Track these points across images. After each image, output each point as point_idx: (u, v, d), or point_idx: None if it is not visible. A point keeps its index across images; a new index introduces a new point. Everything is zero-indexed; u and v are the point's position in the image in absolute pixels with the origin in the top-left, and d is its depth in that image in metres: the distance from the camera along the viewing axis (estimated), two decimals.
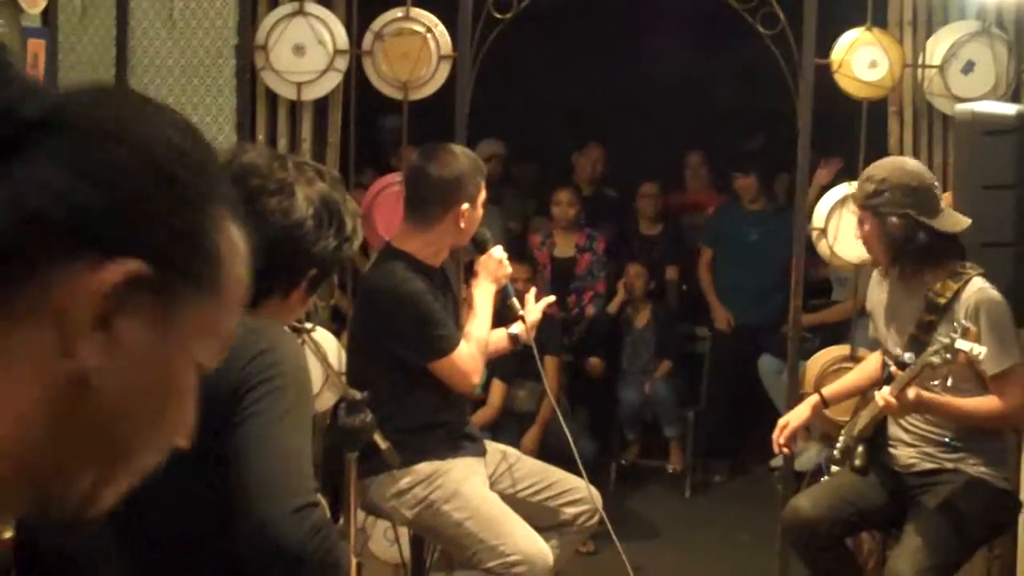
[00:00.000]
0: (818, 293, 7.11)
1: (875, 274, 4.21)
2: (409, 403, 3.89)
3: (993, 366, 3.78)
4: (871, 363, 4.36)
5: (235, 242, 1.04)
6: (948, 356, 3.49)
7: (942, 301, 3.85)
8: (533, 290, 4.40)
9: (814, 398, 4.30)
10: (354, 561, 2.48)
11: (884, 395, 3.69)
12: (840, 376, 4.55)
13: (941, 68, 4.73)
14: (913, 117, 4.88)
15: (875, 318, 4.17)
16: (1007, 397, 3.78)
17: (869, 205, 3.91)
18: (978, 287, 3.84)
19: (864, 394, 4.31)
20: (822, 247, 4.83)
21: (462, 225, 3.91)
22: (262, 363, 2.24)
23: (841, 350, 4.94)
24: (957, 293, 3.84)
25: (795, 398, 4.82)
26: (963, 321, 3.53)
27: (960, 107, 4.46)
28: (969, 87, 4.71)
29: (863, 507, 4.05)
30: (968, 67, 4.73)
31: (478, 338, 3.95)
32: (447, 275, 4.12)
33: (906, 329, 3.97)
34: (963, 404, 3.78)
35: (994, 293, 3.84)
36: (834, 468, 4.23)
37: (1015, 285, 4.06)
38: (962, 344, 3.46)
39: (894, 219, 3.85)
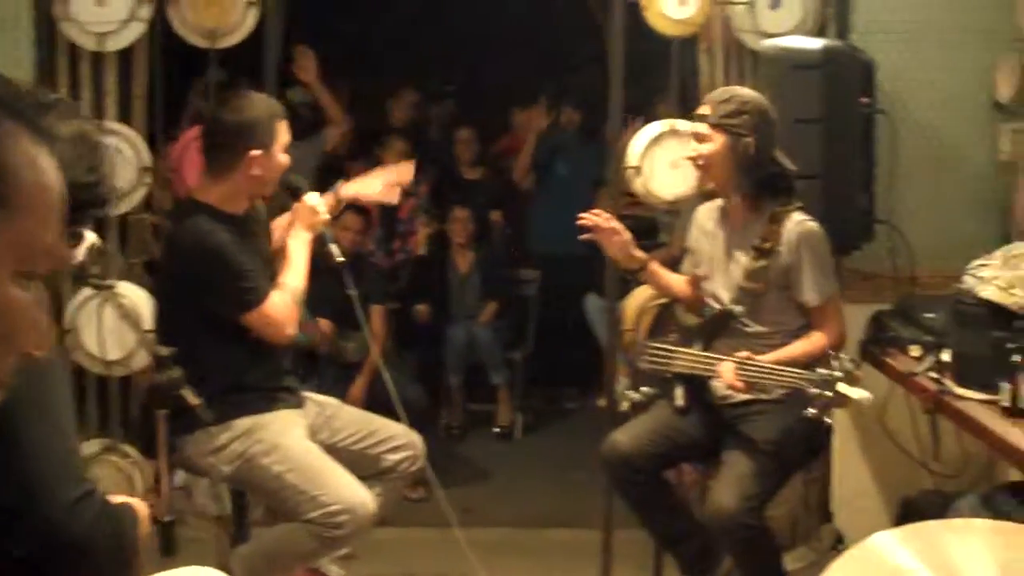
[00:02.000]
0: (644, 234, 7.17)
1: (700, 212, 4.24)
2: (224, 358, 3.80)
3: (817, 298, 3.87)
4: (686, 279, 4.36)
5: (30, 155, 1.10)
6: (829, 395, 3.48)
7: (768, 246, 3.91)
8: None
9: (643, 255, 4.29)
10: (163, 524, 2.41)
11: (732, 379, 3.74)
12: (659, 312, 4.57)
13: (749, 4, 4.78)
14: (723, 53, 4.92)
15: (699, 257, 4.20)
16: (829, 325, 3.86)
17: (725, 124, 3.91)
18: (797, 220, 3.91)
19: (673, 316, 4.33)
20: (637, 185, 4.85)
21: (256, 172, 3.81)
22: None
23: None
24: (779, 238, 3.90)
25: (615, 335, 4.87)
26: (847, 362, 3.51)
27: (767, 42, 4.52)
28: (777, 23, 4.77)
29: (680, 440, 4.10)
30: (775, 3, 4.78)
31: (292, 288, 3.88)
32: (257, 215, 4.03)
33: (734, 275, 4.01)
34: (796, 354, 3.82)
35: (813, 225, 3.92)
36: (644, 389, 4.25)
37: (826, 215, 4.14)
38: (848, 390, 3.45)
39: (749, 140, 3.88)
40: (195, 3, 4.75)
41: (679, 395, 4.07)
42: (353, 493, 3.76)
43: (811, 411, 3.53)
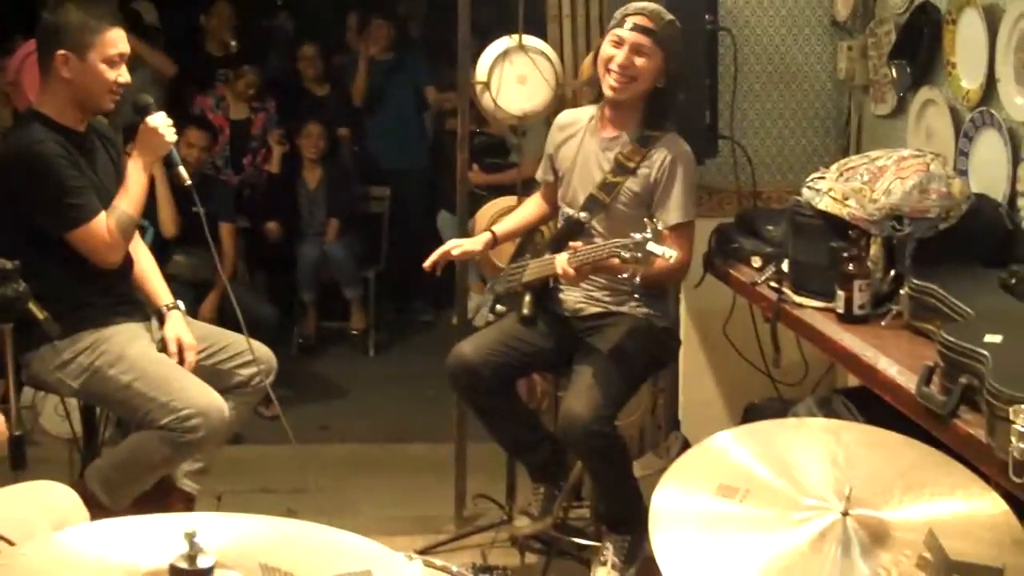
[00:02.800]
0: (494, 152, 7.21)
1: (564, 117, 4.24)
2: (61, 271, 3.75)
3: (673, 218, 3.91)
4: (534, 201, 4.44)
5: None
6: (639, 255, 3.51)
7: (631, 165, 3.95)
8: None
9: (486, 235, 4.34)
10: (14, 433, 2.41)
11: (564, 265, 3.77)
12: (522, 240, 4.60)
13: None
14: None
15: (557, 164, 4.21)
16: (680, 246, 3.87)
17: (668, 45, 3.93)
18: (677, 141, 3.98)
19: (532, 238, 4.40)
20: (486, 100, 4.87)
21: (66, 75, 3.75)
22: None
23: (508, 201, 5.03)
24: (645, 158, 3.95)
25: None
26: (657, 224, 3.54)
27: None
28: None
29: (529, 351, 4.15)
30: None
31: (121, 212, 3.81)
32: (104, 138, 3.97)
33: (588, 185, 4.05)
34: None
35: (688, 148, 3.99)
36: (499, 308, 4.32)
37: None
38: (654, 248, 3.48)
39: (678, 67, 3.96)
40: None
41: (526, 303, 4.13)
42: (204, 396, 3.77)
43: (625, 275, 3.61)
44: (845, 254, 3.47)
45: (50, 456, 4.60)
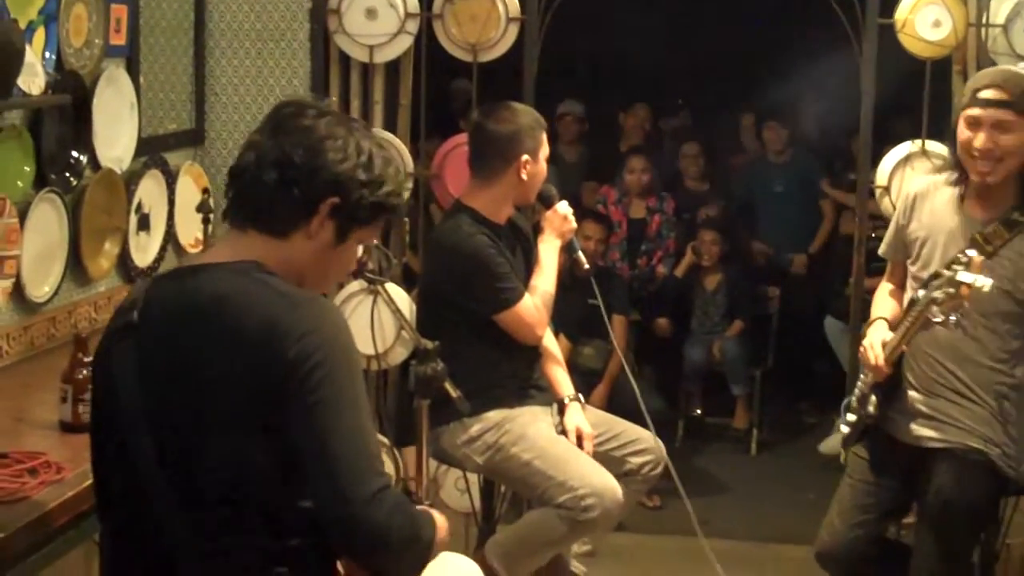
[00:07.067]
0: (878, 257, 7.10)
1: (922, 187, 3.86)
2: (478, 354, 4.02)
3: None
4: (888, 291, 4.10)
5: None
6: (951, 290, 3.28)
7: (989, 249, 3.56)
8: None
9: (882, 323, 3.91)
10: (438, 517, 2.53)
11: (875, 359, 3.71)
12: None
13: (1005, 27, 4.75)
14: None
15: (909, 238, 3.85)
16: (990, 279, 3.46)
17: None
18: None
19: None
20: (885, 204, 4.86)
21: (524, 178, 4.05)
22: (308, 346, 2.21)
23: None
24: (1006, 243, 3.59)
25: (856, 355, 4.89)
26: (968, 252, 3.31)
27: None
28: None
29: (884, 498, 3.90)
30: None
31: (543, 291, 4.10)
32: (518, 229, 4.24)
33: (939, 265, 3.62)
34: None
35: None
36: (850, 416, 4.00)
37: None
38: (965, 276, 3.24)
39: None
40: (459, 18, 4.99)
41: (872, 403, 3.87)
42: (601, 479, 3.91)
43: (938, 317, 3.37)
44: None
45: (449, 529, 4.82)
